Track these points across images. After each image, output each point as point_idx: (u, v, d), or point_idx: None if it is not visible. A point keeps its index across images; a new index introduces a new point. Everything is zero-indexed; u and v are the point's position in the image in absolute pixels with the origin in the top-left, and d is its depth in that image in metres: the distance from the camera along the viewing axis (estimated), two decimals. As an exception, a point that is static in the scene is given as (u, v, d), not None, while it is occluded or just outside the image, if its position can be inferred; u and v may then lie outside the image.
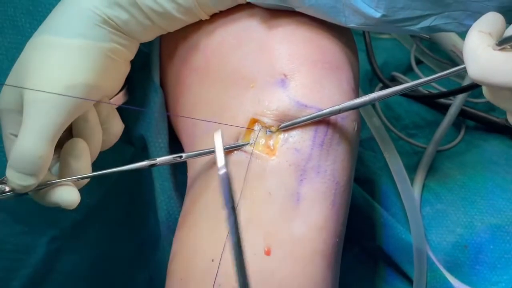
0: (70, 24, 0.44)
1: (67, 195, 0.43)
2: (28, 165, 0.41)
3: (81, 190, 0.45)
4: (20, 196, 0.43)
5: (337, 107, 0.43)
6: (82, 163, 0.45)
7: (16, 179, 0.41)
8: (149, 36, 0.48)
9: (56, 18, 0.45)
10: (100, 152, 0.48)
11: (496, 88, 0.37)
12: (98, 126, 0.47)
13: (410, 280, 0.59)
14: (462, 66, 0.38)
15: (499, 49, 0.35)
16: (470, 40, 0.36)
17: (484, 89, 0.39)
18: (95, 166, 0.46)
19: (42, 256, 0.55)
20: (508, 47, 0.35)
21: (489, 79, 0.35)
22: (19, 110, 0.43)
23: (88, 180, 0.46)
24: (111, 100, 0.48)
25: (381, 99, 0.43)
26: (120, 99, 0.50)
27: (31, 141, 0.41)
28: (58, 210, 0.45)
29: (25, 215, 0.53)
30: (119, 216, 0.60)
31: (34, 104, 0.42)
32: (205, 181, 0.46)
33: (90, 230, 0.58)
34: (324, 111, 0.43)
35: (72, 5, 0.45)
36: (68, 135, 0.46)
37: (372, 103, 0.44)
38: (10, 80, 0.44)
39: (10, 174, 0.42)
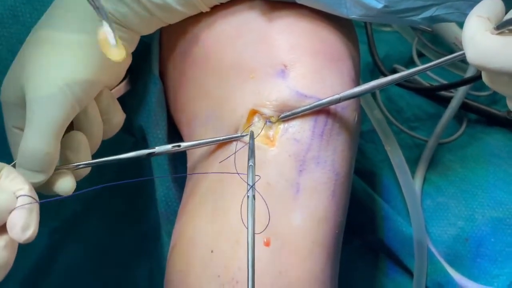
0: (69, 19, 0.44)
1: (63, 182, 0.43)
2: (37, 162, 0.41)
3: (81, 182, 0.45)
4: None
5: (336, 96, 0.43)
6: (81, 156, 0.45)
7: (27, 177, 0.41)
8: (149, 28, 0.48)
9: (55, 13, 0.45)
10: (101, 142, 0.48)
11: (495, 73, 0.36)
12: (98, 118, 0.47)
13: (410, 273, 0.59)
14: (461, 52, 0.38)
15: (497, 33, 0.35)
16: (469, 25, 0.36)
17: (483, 74, 0.38)
18: (95, 156, 0.46)
19: (44, 247, 0.56)
20: (507, 31, 0.34)
21: (487, 64, 0.35)
22: (21, 103, 0.43)
23: (88, 171, 0.46)
24: (112, 91, 0.48)
25: (381, 87, 0.42)
26: (121, 89, 0.50)
27: (38, 139, 0.41)
28: (59, 202, 0.45)
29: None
30: (119, 208, 0.60)
31: (37, 102, 0.42)
32: (204, 172, 0.46)
33: (91, 221, 0.59)
34: (324, 100, 0.43)
35: None
36: (69, 128, 0.46)
37: (372, 91, 0.43)
38: (11, 75, 0.45)
39: (20, 172, 0.42)
